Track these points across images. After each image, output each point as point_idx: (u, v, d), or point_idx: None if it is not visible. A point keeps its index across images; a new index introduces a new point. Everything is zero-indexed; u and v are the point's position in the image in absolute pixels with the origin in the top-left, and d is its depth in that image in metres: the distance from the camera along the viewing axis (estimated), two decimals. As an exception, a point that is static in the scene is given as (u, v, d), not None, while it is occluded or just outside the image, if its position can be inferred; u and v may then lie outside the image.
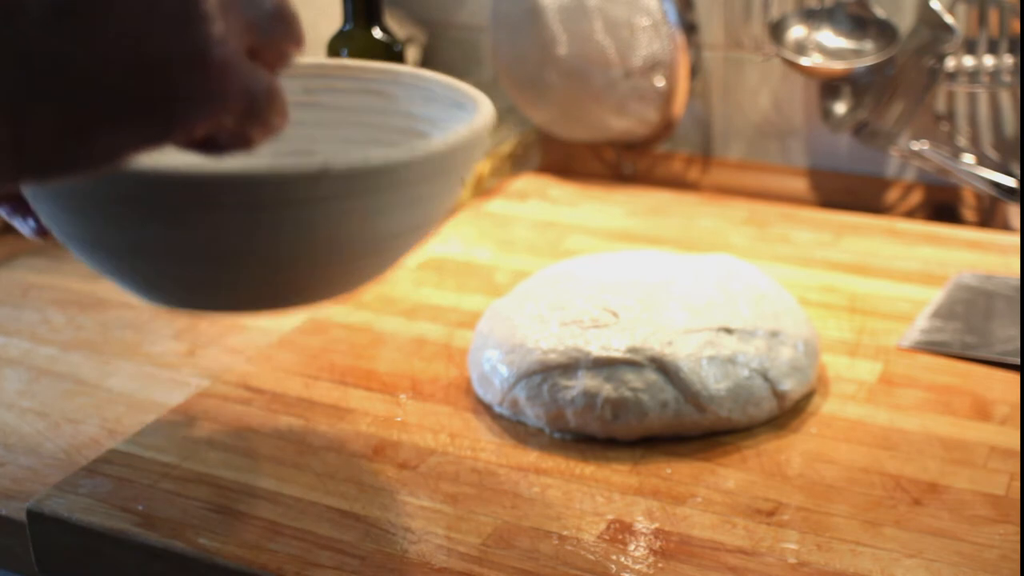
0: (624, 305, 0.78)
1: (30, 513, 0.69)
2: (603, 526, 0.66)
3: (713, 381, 0.73)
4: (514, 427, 0.76)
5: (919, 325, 0.88)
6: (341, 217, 0.50)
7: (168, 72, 0.39)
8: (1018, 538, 0.64)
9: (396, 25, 1.23)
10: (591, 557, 0.64)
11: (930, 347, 0.84)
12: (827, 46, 1.08)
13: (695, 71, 1.17)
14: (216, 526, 0.67)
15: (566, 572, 0.62)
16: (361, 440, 0.75)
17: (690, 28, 1.13)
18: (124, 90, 0.39)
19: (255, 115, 0.44)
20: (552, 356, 0.75)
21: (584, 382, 0.73)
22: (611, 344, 0.74)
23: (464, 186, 0.61)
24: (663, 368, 0.73)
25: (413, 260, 1.01)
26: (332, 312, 0.92)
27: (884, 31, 1.06)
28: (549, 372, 0.75)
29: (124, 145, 0.40)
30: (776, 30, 1.09)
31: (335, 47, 0.93)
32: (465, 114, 0.58)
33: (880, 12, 1.06)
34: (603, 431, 0.73)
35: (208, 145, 0.44)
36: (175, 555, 0.65)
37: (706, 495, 0.69)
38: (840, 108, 1.11)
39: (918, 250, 1.01)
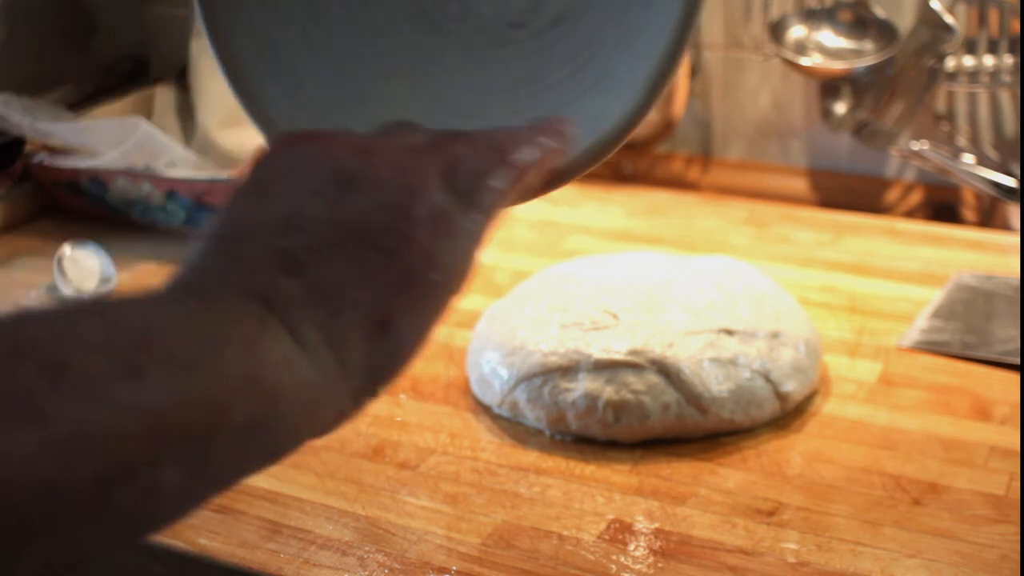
0: (624, 307, 0.78)
1: (30, 513, 0.69)
2: (603, 526, 0.66)
3: (715, 383, 0.73)
4: (514, 427, 0.76)
5: (919, 325, 0.88)
6: None
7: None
8: (1018, 538, 0.64)
9: None
10: (591, 557, 0.64)
11: (930, 347, 0.84)
12: (827, 46, 1.08)
13: (695, 71, 1.17)
14: (216, 526, 0.67)
15: (566, 572, 0.62)
16: (361, 440, 0.75)
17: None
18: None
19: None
20: (553, 358, 0.75)
21: (585, 384, 0.73)
22: (612, 346, 0.74)
23: None
24: (664, 370, 0.73)
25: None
26: (332, 312, 0.92)
27: (884, 31, 1.06)
28: (550, 374, 0.75)
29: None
30: (776, 30, 1.09)
31: None
32: None
33: (880, 12, 1.06)
34: (604, 433, 0.73)
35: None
36: (175, 555, 0.65)
37: (706, 495, 0.69)
38: (840, 108, 1.11)
39: (918, 250, 1.01)
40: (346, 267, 0.42)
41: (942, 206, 1.12)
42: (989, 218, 1.10)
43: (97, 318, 0.36)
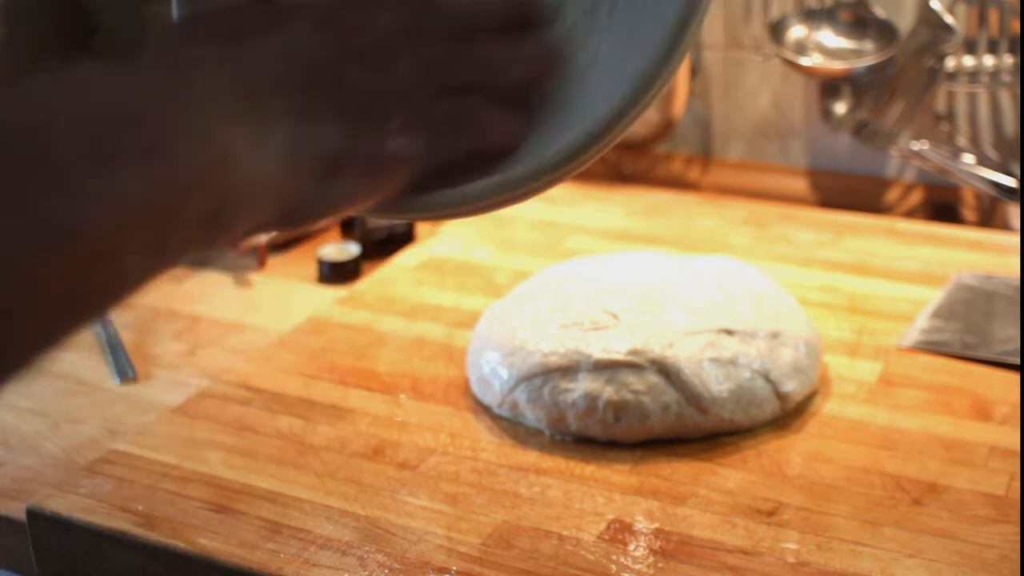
0: (624, 307, 0.78)
1: (30, 513, 0.69)
2: (603, 526, 0.66)
3: (715, 383, 0.73)
4: (514, 427, 0.76)
5: (919, 325, 0.88)
6: None
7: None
8: (1018, 538, 0.64)
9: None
10: (591, 557, 0.64)
11: (930, 347, 0.84)
12: (827, 46, 1.08)
13: (695, 71, 1.17)
14: (216, 526, 0.67)
15: (566, 572, 0.62)
16: (361, 440, 0.75)
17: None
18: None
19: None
20: (553, 358, 0.75)
21: (585, 384, 0.73)
22: (612, 346, 0.74)
23: None
24: (664, 370, 0.73)
25: (413, 260, 1.01)
26: (332, 312, 0.92)
27: (884, 31, 1.06)
28: (550, 374, 0.75)
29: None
30: (776, 30, 1.09)
31: None
32: None
33: (880, 12, 1.06)
34: (604, 433, 0.73)
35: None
36: (175, 555, 0.65)
37: (706, 495, 0.69)
38: (840, 108, 1.11)
39: (918, 250, 1.01)
40: (335, 112, 0.46)
41: (942, 206, 1.12)
42: (989, 218, 1.10)
43: (79, 97, 0.38)
